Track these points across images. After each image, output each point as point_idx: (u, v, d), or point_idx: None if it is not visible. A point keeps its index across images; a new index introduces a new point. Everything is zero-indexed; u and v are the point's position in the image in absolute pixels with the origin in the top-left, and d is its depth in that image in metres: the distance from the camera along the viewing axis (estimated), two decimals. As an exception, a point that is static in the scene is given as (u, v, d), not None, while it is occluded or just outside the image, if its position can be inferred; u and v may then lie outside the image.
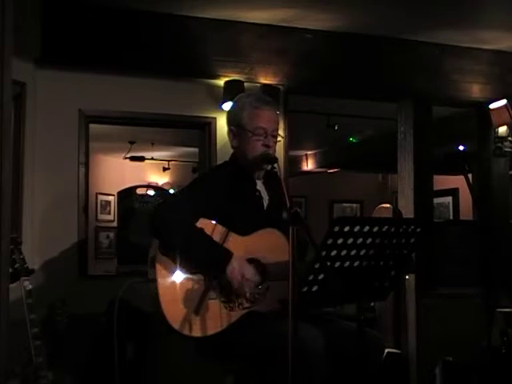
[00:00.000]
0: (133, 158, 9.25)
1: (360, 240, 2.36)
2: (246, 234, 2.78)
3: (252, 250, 2.77)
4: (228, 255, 2.68)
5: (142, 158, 9.35)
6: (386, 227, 2.40)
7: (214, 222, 2.75)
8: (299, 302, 2.28)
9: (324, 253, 2.32)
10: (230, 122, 2.97)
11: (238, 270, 2.67)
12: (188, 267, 2.68)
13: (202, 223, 2.73)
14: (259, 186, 2.96)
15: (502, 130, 5.34)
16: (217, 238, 2.72)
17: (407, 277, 4.51)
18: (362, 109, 6.35)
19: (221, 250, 2.70)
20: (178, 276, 2.67)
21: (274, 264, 2.77)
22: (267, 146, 2.86)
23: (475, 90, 5.37)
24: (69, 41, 4.41)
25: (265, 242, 2.80)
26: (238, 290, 2.68)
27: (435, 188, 5.43)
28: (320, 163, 9.40)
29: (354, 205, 10.74)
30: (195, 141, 5.30)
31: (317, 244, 2.33)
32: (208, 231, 2.72)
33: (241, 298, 2.71)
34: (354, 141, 8.32)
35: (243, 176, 2.92)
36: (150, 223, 2.71)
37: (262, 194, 2.95)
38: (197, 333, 2.64)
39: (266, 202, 2.96)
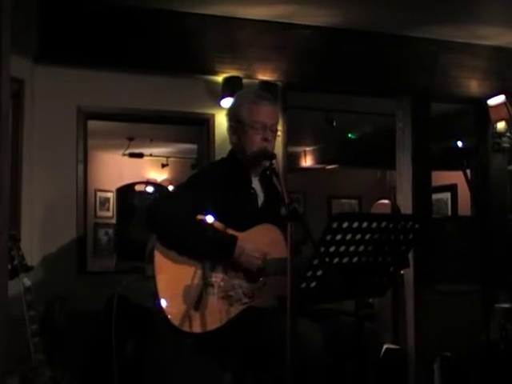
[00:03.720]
0: (131, 155, 9.25)
1: (358, 236, 2.37)
2: (241, 231, 2.79)
3: (251, 243, 2.78)
4: (233, 237, 2.71)
5: (140, 155, 9.35)
6: (385, 223, 2.40)
7: (211, 218, 2.76)
8: (298, 298, 2.28)
9: (322, 249, 2.33)
10: (229, 118, 3.00)
11: (246, 248, 2.72)
12: (192, 256, 2.69)
13: (201, 219, 2.74)
14: (255, 183, 2.97)
15: (501, 125, 5.35)
16: (215, 234, 2.73)
17: (402, 272, 4.51)
18: (361, 105, 6.35)
19: (225, 235, 2.73)
20: (177, 272, 2.67)
21: (271, 260, 2.77)
22: (266, 140, 2.88)
23: (473, 86, 5.37)
24: (67, 37, 4.40)
25: (262, 238, 2.80)
26: (248, 264, 2.72)
27: (433, 184, 5.43)
28: (318, 159, 9.39)
29: (353, 201, 10.73)
30: (194, 137, 5.30)
31: (315, 240, 2.33)
32: (206, 227, 2.73)
33: (239, 293, 2.72)
34: (352, 137, 8.31)
35: (239, 173, 2.93)
36: (148, 219, 2.71)
37: (257, 192, 2.96)
38: (197, 329, 2.65)
39: (260, 200, 2.96)
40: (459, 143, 6.45)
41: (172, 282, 2.66)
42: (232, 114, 2.98)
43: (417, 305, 5.08)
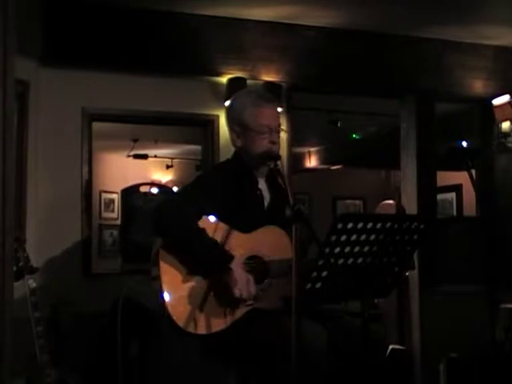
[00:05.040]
0: (136, 156, 9.26)
1: (363, 237, 2.36)
2: (247, 232, 2.78)
3: (254, 247, 2.78)
4: (229, 257, 2.67)
5: (145, 156, 9.36)
6: (389, 224, 2.40)
7: (216, 219, 2.76)
8: (302, 299, 2.28)
9: (327, 250, 2.33)
10: (232, 122, 2.95)
11: (239, 273, 2.66)
12: (189, 266, 2.69)
13: (204, 221, 2.74)
14: (261, 184, 2.96)
15: (505, 125, 5.34)
16: (219, 235, 2.72)
17: (407, 273, 4.51)
18: (365, 105, 6.34)
19: (222, 251, 2.69)
20: (182, 273, 2.67)
21: (276, 261, 2.77)
22: (273, 143, 2.87)
23: (478, 86, 5.36)
24: (71, 39, 4.41)
25: (267, 240, 2.80)
26: (238, 290, 2.65)
27: (438, 184, 5.43)
28: (323, 160, 9.39)
29: (357, 201, 10.73)
30: (198, 138, 5.31)
31: (320, 241, 2.33)
32: (210, 229, 2.72)
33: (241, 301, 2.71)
34: (356, 137, 8.32)
35: (245, 174, 2.92)
36: (153, 221, 2.71)
37: (264, 193, 2.95)
38: (201, 330, 2.65)
39: (266, 201, 2.96)
40: (464, 143, 6.45)
41: (177, 284, 2.66)
42: (235, 117, 2.93)
43: (422, 305, 5.07)
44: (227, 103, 3.06)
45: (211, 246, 2.69)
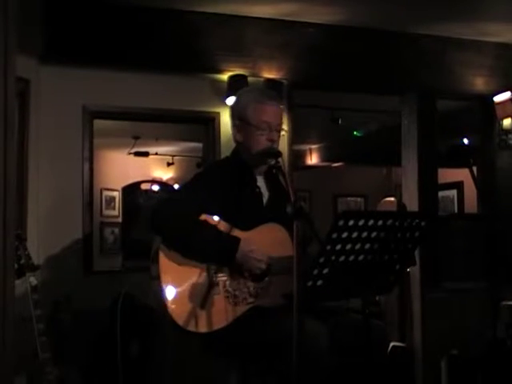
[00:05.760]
0: (137, 154, 9.26)
1: (365, 234, 2.36)
2: (246, 230, 2.78)
3: (255, 244, 2.77)
4: (235, 241, 2.69)
5: (146, 154, 9.36)
6: (391, 221, 2.39)
7: (217, 217, 2.75)
8: (304, 297, 2.28)
9: (329, 247, 2.32)
10: (234, 117, 2.97)
11: (248, 251, 2.69)
12: (195, 259, 2.68)
13: (205, 219, 2.74)
14: (260, 181, 2.96)
15: (507, 122, 5.34)
16: (220, 233, 2.72)
17: (408, 269, 4.51)
18: (366, 102, 6.34)
19: (227, 237, 2.71)
20: (182, 272, 2.67)
21: (276, 259, 2.77)
22: (271, 141, 2.87)
23: (479, 83, 5.36)
24: (72, 37, 4.41)
25: (267, 237, 2.80)
26: (251, 267, 2.69)
27: (439, 181, 5.42)
28: (324, 157, 9.39)
29: (359, 199, 10.73)
30: (199, 136, 5.31)
31: (321, 238, 2.33)
32: (211, 227, 2.72)
33: (244, 292, 2.71)
34: (358, 135, 8.31)
35: (244, 171, 2.92)
36: (152, 221, 2.70)
37: (262, 190, 2.95)
38: (202, 328, 2.64)
39: (265, 199, 2.96)
40: (465, 140, 6.44)
41: (177, 282, 2.65)
42: (237, 112, 2.95)
43: (423, 303, 5.07)
44: (233, 98, 3.07)
45: (216, 234, 2.70)
